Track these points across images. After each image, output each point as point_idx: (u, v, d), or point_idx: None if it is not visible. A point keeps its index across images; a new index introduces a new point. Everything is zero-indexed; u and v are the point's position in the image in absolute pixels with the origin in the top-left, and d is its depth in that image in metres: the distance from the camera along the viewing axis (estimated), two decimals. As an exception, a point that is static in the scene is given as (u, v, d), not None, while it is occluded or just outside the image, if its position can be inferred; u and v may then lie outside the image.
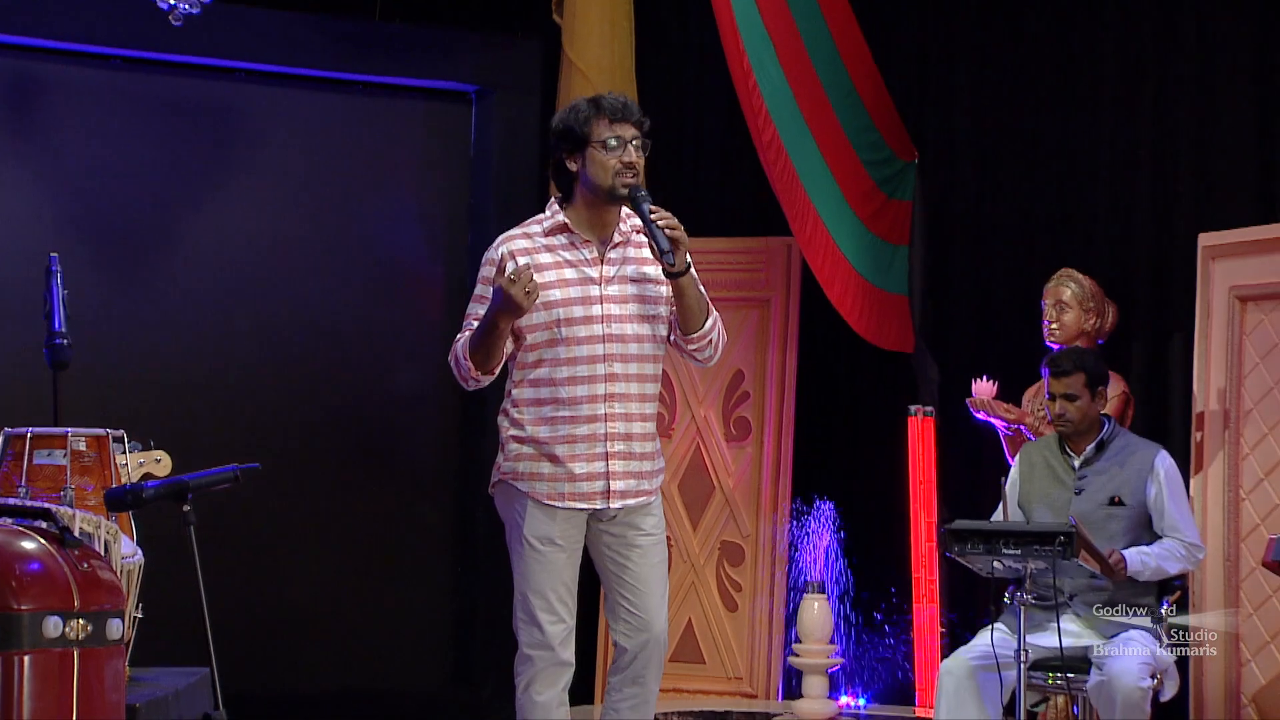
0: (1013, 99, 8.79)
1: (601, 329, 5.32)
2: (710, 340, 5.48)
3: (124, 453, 4.04)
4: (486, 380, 5.38)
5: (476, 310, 5.39)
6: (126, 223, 9.32)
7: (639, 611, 5.41)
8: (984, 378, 7.80)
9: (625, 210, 5.47)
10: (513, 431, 5.43)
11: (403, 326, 9.93)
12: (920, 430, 8.55)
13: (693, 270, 5.34)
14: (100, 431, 4.04)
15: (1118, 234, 8.11)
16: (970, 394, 7.79)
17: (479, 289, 5.44)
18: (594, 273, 5.39)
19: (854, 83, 8.62)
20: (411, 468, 9.85)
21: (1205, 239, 7.16)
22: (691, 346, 5.45)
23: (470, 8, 9.30)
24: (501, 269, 5.26)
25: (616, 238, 5.46)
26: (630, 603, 5.42)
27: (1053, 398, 6.71)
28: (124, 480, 3.97)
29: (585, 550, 5.50)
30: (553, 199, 5.57)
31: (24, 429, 3.99)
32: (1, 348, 8.69)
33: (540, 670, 5.38)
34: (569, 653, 5.40)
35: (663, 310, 5.44)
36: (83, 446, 3.94)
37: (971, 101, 9.02)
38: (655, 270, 5.42)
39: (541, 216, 5.52)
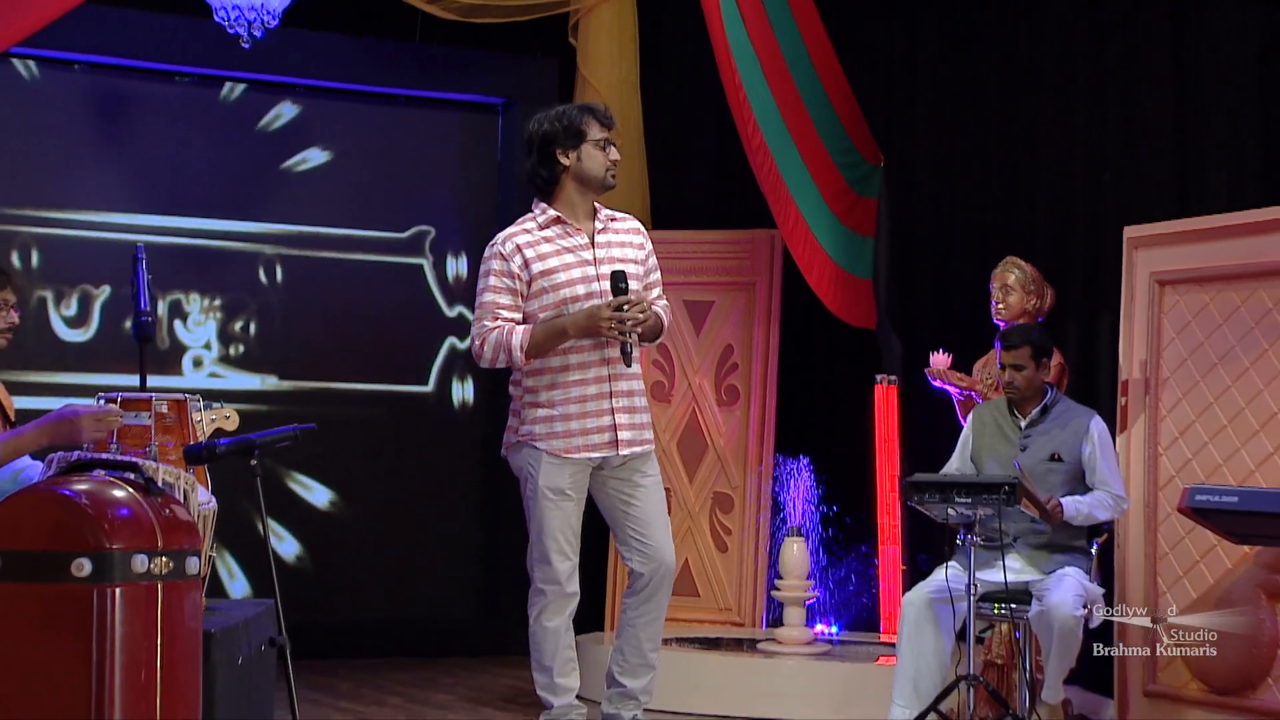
0: (965, 113, 8.80)
1: (601, 302, 5.37)
2: (652, 345, 5.83)
3: (199, 410, 4.05)
4: (527, 365, 5.46)
5: (497, 300, 5.45)
6: (204, 218, 9.36)
7: (650, 541, 5.49)
8: (940, 351, 7.80)
9: (597, 204, 5.60)
10: (528, 398, 5.48)
11: (439, 307, 9.94)
12: (885, 396, 8.59)
13: (656, 320, 5.49)
14: (179, 396, 4.06)
15: (1055, 227, 8.12)
16: (928, 365, 7.81)
17: (493, 280, 5.48)
18: (588, 255, 5.48)
19: (829, 96, 8.65)
20: (444, 429, 9.90)
21: (1130, 231, 7.16)
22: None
23: (497, 31, 9.30)
24: (508, 260, 5.43)
25: (599, 224, 5.56)
26: (641, 535, 5.49)
27: (1003, 367, 6.74)
28: (199, 438, 3.99)
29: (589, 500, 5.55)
30: (536, 201, 5.61)
31: (115, 394, 4.00)
32: (102, 325, 8.83)
33: (550, 601, 5.44)
34: (574, 586, 5.48)
35: (639, 285, 5.52)
36: (164, 409, 3.96)
37: (929, 115, 9.05)
38: (634, 252, 5.58)
39: (533, 215, 5.60)
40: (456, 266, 9.92)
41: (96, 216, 8.79)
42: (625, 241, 5.56)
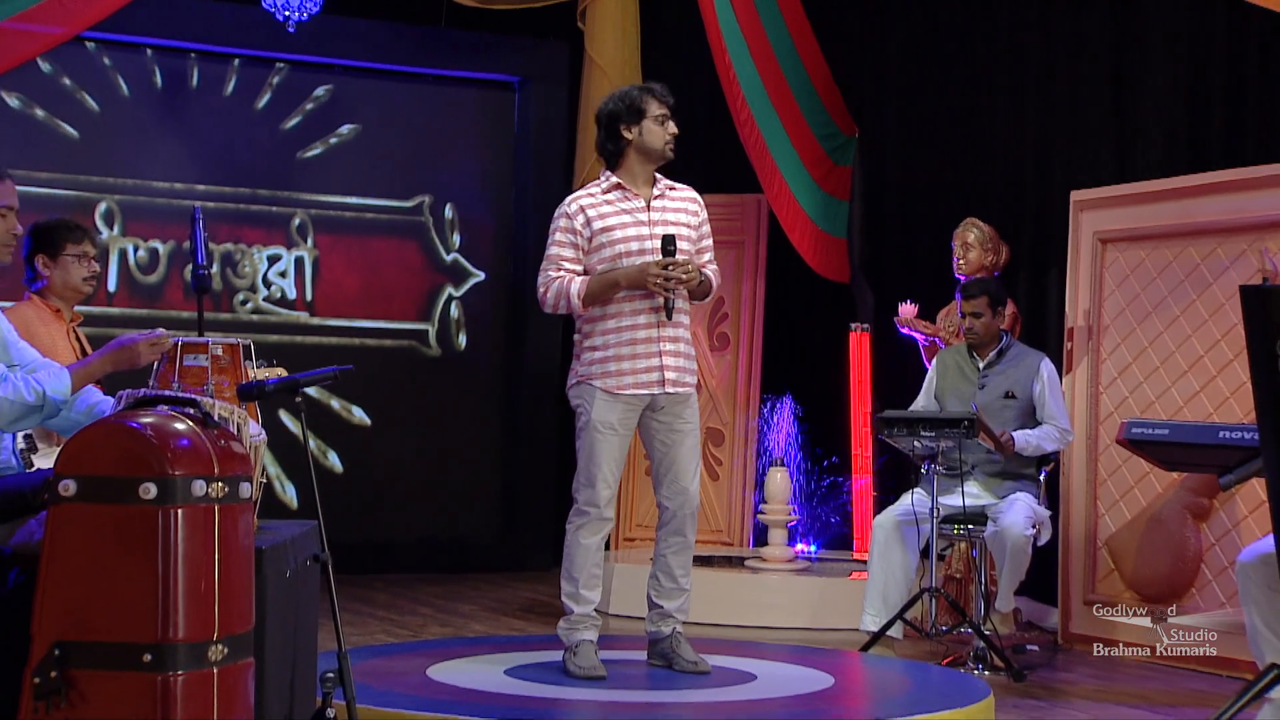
0: (929, 90, 8.77)
1: (651, 259, 5.37)
2: (705, 303, 5.86)
3: (252, 360, 4.06)
4: (585, 312, 5.47)
5: (561, 253, 5.48)
6: (252, 184, 9.37)
7: (680, 482, 5.51)
8: (908, 301, 7.81)
9: (658, 174, 5.59)
10: (587, 342, 5.50)
11: (463, 260, 9.94)
12: (858, 342, 8.59)
13: (706, 282, 5.50)
14: (233, 340, 4.06)
15: (1010, 191, 8.10)
16: (897, 314, 7.81)
17: (559, 236, 5.51)
18: (644, 218, 5.49)
19: (808, 75, 8.65)
20: (469, 368, 9.91)
21: (1076, 195, 7.16)
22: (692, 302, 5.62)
23: (514, 17, 9.30)
24: (572, 219, 5.44)
25: (656, 192, 5.56)
26: (674, 475, 5.51)
27: (964, 315, 6.76)
28: (251, 378, 4.00)
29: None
30: (603, 170, 5.63)
31: (176, 338, 4.01)
32: (164, 278, 8.93)
33: (589, 522, 5.46)
34: (611, 513, 5.49)
35: (689, 248, 5.51)
36: (220, 352, 3.95)
37: (898, 92, 9.01)
38: (688, 218, 5.58)
39: (598, 181, 5.63)
40: (472, 225, 9.93)
41: (164, 184, 8.96)
42: (680, 208, 5.57)
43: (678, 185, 5.66)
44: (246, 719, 3.21)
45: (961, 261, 7.42)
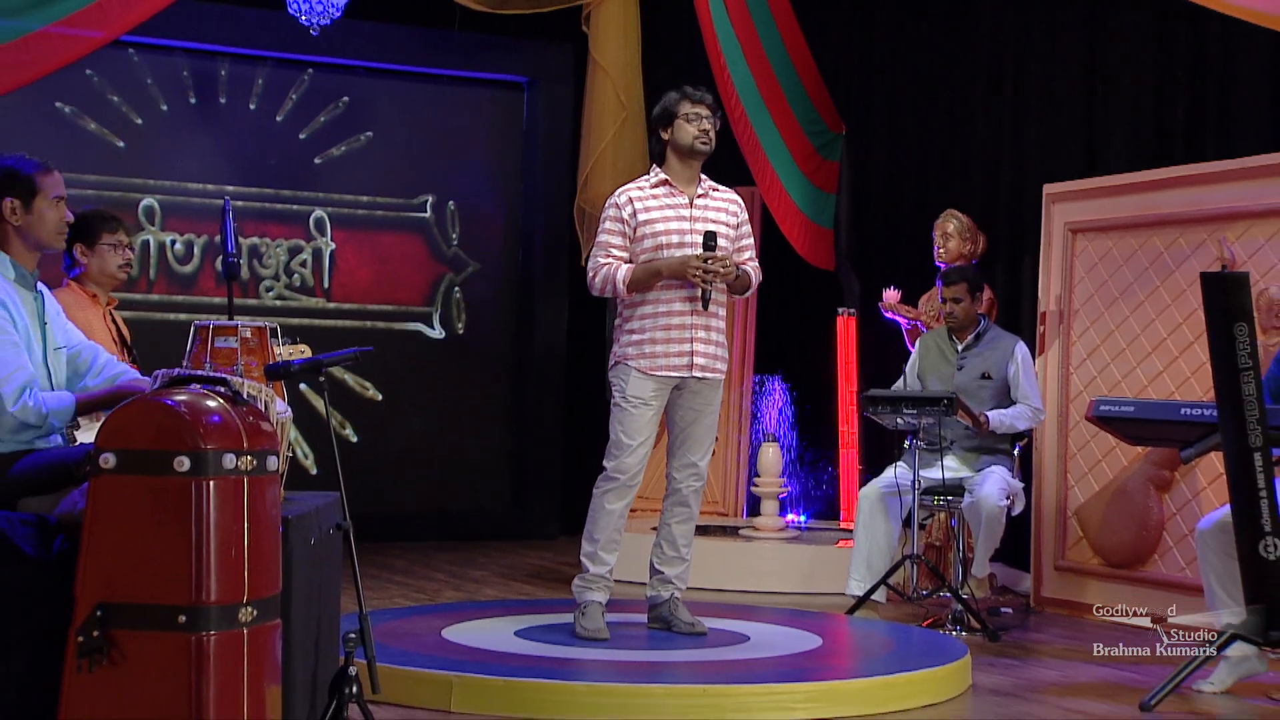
0: (913, 90, 8.78)
1: (691, 252, 5.39)
2: (744, 297, 5.80)
3: (278, 340, 4.06)
4: (628, 297, 5.48)
5: (610, 240, 5.50)
6: (278, 176, 9.39)
7: (692, 457, 5.54)
8: (891, 287, 7.82)
9: (703, 175, 5.61)
10: (626, 326, 5.51)
11: (473, 250, 9.96)
12: (845, 326, 8.59)
13: (745, 276, 5.50)
14: (261, 323, 4.06)
15: (987, 184, 8.11)
16: (881, 299, 7.81)
17: (609, 224, 5.53)
18: (686, 213, 5.50)
19: (798, 75, 8.63)
20: (478, 346, 9.92)
21: (1048, 188, 7.17)
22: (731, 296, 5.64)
23: (523, 21, 9.28)
24: (621, 209, 5.47)
25: (700, 190, 5.57)
26: (688, 454, 5.53)
27: (944, 300, 6.77)
28: (277, 359, 4.00)
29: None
30: (653, 167, 5.64)
31: (208, 321, 4.02)
32: (197, 266, 8.98)
33: (616, 487, 5.46)
34: (638, 481, 5.49)
35: (728, 245, 5.51)
36: (249, 335, 3.95)
37: (883, 92, 9.02)
38: (728, 217, 5.58)
39: (648, 176, 5.64)
40: (483, 217, 9.95)
41: (197, 185, 9.06)
42: (721, 208, 5.57)
43: (721, 187, 5.67)
44: (274, 676, 3.23)
45: (942, 250, 7.43)
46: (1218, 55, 6.95)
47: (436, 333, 9.76)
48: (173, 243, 8.99)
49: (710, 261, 5.32)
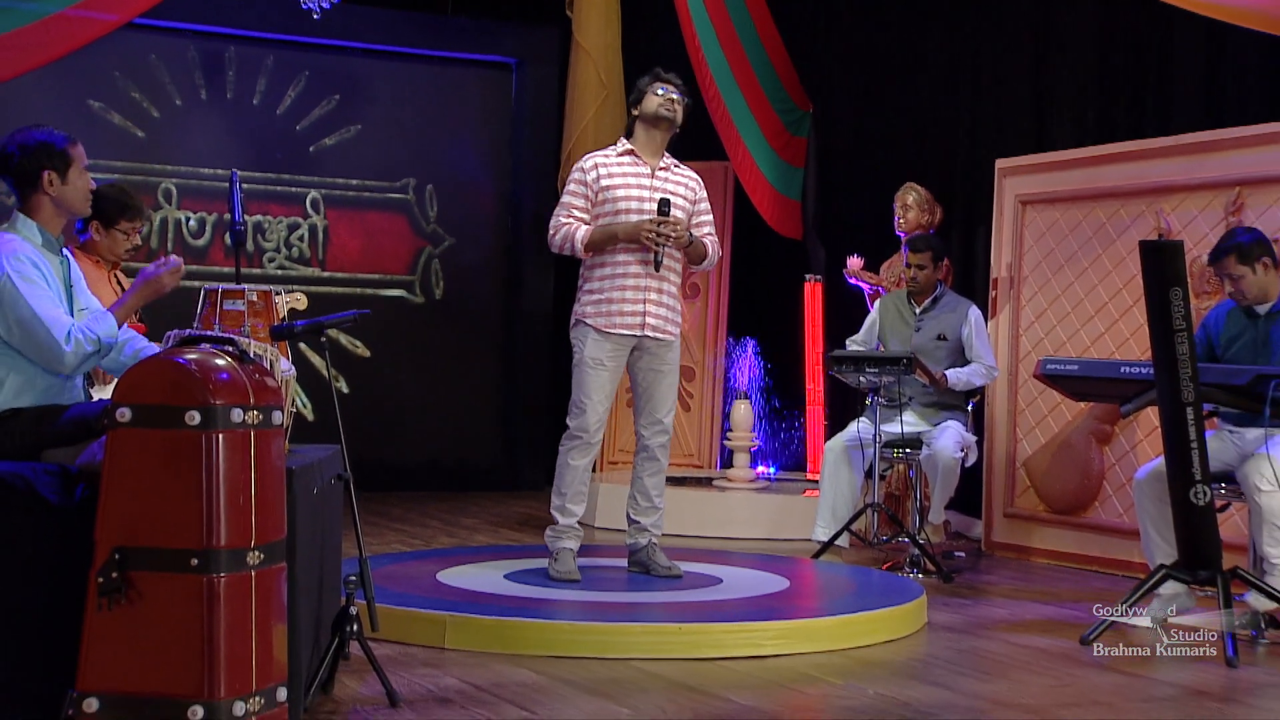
0: (875, 71, 8.76)
1: (648, 219, 5.38)
2: (704, 269, 5.74)
3: (279, 295, 4.06)
4: (586, 257, 5.48)
5: (573, 201, 5.50)
6: (284, 152, 9.40)
7: (657, 416, 5.54)
8: (855, 255, 7.84)
9: (667, 154, 5.59)
10: (585, 286, 5.50)
11: (465, 223, 9.96)
12: (812, 291, 8.61)
13: (700, 246, 5.49)
14: (266, 287, 4.07)
15: (944, 159, 8.11)
16: (846, 266, 7.83)
17: (573, 187, 5.54)
18: (647, 182, 5.49)
19: (769, 56, 8.63)
20: (470, 310, 9.94)
21: (1000, 163, 7.19)
22: (691, 268, 5.66)
23: (512, 4, 9.26)
24: (586, 174, 5.47)
25: (663, 164, 5.56)
26: (652, 410, 5.54)
27: (910, 266, 6.77)
28: (281, 321, 4.01)
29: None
30: (622, 138, 5.64)
31: (216, 285, 4.03)
32: (207, 233, 9.03)
33: (578, 445, 5.47)
34: (599, 438, 5.50)
35: (683, 218, 5.49)
36: (255, 298, 3.96)
37: (848, 72, 9.00)
38: (686, 192, 5.57)
39: (616, 146, 5.62)
40: (474, 188, 9.96)
41: (209, 170, 9.17)
42: (681, 182, 5.56)
43: (684, 166, 5.66)
44: (280, 615, 3.24)
45: (901, 220, 7.45)
46: (1156, 40, 6.95)
47: (418, 298, 9.81)
48: (187, 220, 9.16)
49: (663, 225, 5.33)
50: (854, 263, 7.79)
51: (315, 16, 7.96)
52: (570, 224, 5.46)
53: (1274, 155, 5.95)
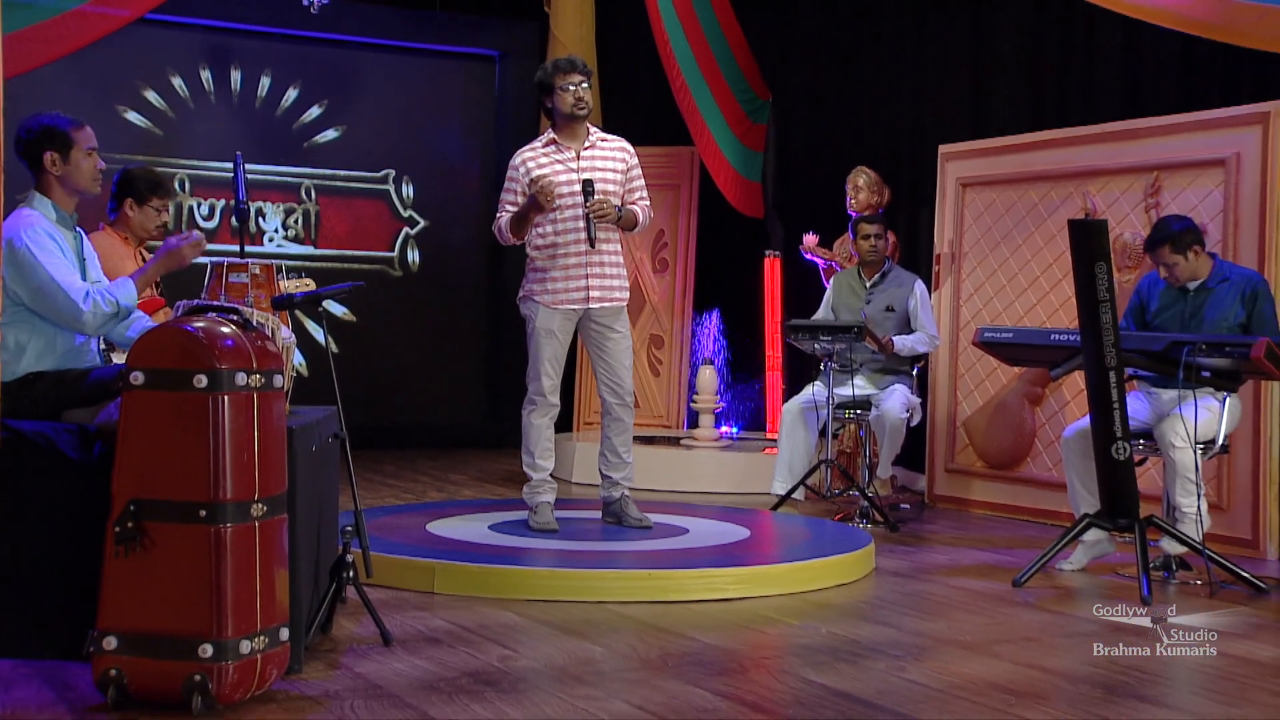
0: (828, 63, 8.75)
1: (577, 199, 5.35)
2: (637, 232, 5.62)
3: (284, 276, 4.06)
4: (519, 242, 5.47)
5: (507, 199, 5.45)
6: (285, 138, 9.39)
7: (614, 377, 5.49)
8: (810, 233, 7.85)
9: (591, 128, 5.51)
10: (532, 267, 5.46)
11: (452, 203, 9.96)
12: (771, 266, 8.61)
13: (631, 215, 5.43)
14: (268, 261, 4.07)
15: (892, 145, 8.12)
16: (802, 243, 7.85)
17: (507, 184, 5.48)
18: (574, 165, 5.42)
19: (731, 49, 8.61)
20: (457, 284, 9.95)
21: (943, 148, 7.20)
22: (626, 233, 5.56)
23: (495, 1, 9.21)
24: (516, 169, 5.41)
25: (587, 144, 5.48)
26: (608, 372, 5.49)
27: (868, 236, 6.77)
28: (283, 291, 4.00)
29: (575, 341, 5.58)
30: (547, 128, 5.57)
31: (222, 259, 4.02)
32: (220, 218, 9.10)
33: (538, 407, 5.47)
34: (555, 399, 5.46)
35: (616, 189, 5.44)
36: (257, 271, 3.95)
37: (803, 64, 8.99)
38: (615, 164, 5.49)
39: (541, 138, 5.56)
40: (458, 173, 9.97)
41: (216, 162, 9.28)
42: (609, 156, 5.47)
43: (610, 137, 5.56)
44: (282, 562, 3.26)
45: (853, 201, 7.46)
46: (1082, 34, 6.97)
47: (396, 271, 9.89)
48: (198, 205, 9.29)
49: (588, 205, 5.28)
50: (809, 240, 7.80)
51: (313, 12, 7.93)
52: (501, 217, 5.44)
53: (1188, 142, 5.99)
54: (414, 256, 9.93)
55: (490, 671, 3.55)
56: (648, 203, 5.61)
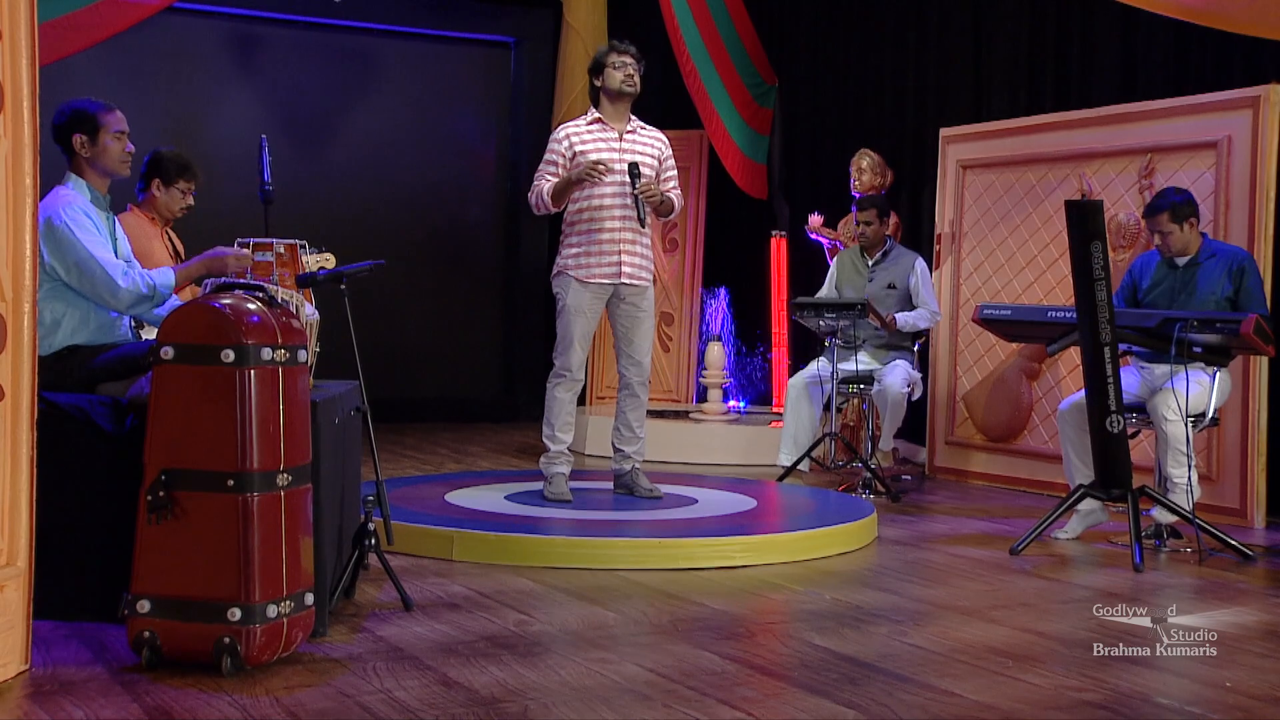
0: (833, 49, 8.73)
1: (619, 179, 5.36)
2: (670, 219, 5.61)
3: (306, 253, 4.05)
4: (558, 209, 5.45)
5: (548, 170, 5.44)
6: (307, 121, 9.37)
7: (636, 355, 5.50)
8: (815, 213, 7.85)
9: (632, 115, 5.51)
10: (566, 240, 5.46)
11: (469, 182, 9.96)
12: (777, 245, 8.62)
13: (669, 202, 5.44)
14: (292, 241, 4.06)
15: (894, 127, 8.10)
16: (807, 223, 7.84)
17: (548, 154, 5.47)
18: (616, 145, 5.43)
19: (739, 35, 8.59)
20: (475, 263, 9.95)
21: (944, 131, 7.18)
22: (659, 219, 5.55)
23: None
24: (559, 142, 5.41)
25: (629, 127, 5.49)
26: (631, 351, 5.50)
27: (858, 223, 6.78)
28: (306, 270, 4.00)
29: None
30: (591, 108, 5.57)
31: (248, 239, 4.03)
32: (239, 193, 9.05)
33: (563, 381, 5.47)
34: (581, 375, 5.47)
35: (651, 175, 5.45)
36: (282, 250, 3.95)
37: (809, 50, 8.96)
38: (653, 151, 5.50)
39: (585, 115, 5.56)
40: (476, 154, 9.92)
41: (239, 147, 9.01)
42: (648, 143, 5.48)
43: (649, 127, 5.59)
44: (307, 530, 3.27)
45: (857, 182, 7.45)
46: (1078, 22, 6.94)
47: (421, 251, 9.83)
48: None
49: (637, 187, 5.29)
50: (815, 220, 7.80)
51: (336, 1, 7.93)
52: (540, 183, 5.44)
53: (1181, 125, 5.96)
54: (438, 235, 9.87)
55: (507, 635, 3.56)
56: (679, 191, 5.63)
